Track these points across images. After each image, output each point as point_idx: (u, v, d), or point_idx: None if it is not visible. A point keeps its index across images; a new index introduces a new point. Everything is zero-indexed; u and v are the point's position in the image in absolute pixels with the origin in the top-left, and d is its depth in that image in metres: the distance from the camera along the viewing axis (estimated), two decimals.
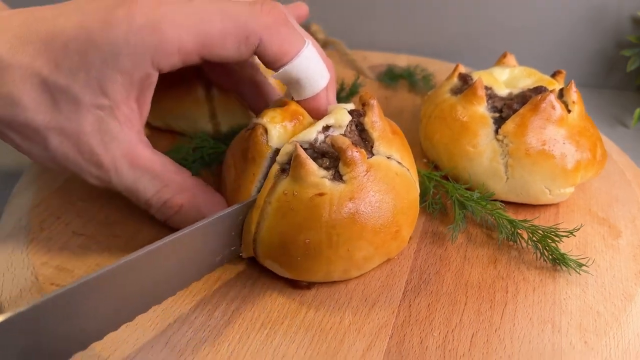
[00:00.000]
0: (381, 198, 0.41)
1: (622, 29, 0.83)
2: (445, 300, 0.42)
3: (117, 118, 0.40)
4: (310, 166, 0.39)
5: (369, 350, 0.38)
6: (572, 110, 0.50)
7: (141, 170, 0.41)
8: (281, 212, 0.40)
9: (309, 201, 0.39)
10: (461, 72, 0.57)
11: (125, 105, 0.40)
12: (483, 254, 0.47)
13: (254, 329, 0.39)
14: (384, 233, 0.41)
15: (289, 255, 0.40)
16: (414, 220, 0.45)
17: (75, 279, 0.35)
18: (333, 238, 0.39)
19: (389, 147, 0.44)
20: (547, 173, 0.48)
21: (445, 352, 0.38)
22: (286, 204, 0.39)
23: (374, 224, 0.40)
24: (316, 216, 0.39)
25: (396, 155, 0.44)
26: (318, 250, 0.39)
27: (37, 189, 0.52)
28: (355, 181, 0.40)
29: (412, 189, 0.44)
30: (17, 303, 0.41)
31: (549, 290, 0.43)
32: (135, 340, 0.38)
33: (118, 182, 0.41)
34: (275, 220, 0.40)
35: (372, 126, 0.43)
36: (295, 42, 0.42)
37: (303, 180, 0.39)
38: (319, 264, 0.40)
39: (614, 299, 0.43)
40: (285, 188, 0.40)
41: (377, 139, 0.43)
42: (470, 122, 0.51)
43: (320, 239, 0.39)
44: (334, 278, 0.42)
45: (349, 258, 0.40)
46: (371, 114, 0.43)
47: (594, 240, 0.49)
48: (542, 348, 0.39)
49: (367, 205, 0.40)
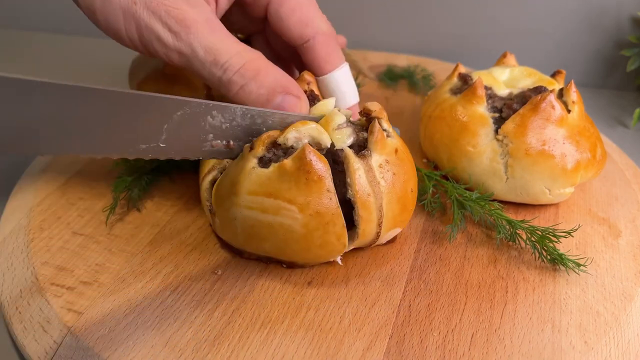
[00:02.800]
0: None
1: (622, 29, 0.83)
2: (445, 300, 0.42)
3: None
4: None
5: (369, 350, 0.38)
6: (572, 110, 0.50)
7: (223, 34, 0.42)
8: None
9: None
10: (461, 72, 0.57)
11: None
12: (483, 254, 0.47)
13: (254, 328, 0.39)
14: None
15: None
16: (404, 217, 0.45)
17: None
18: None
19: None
20: (547, 173, 0.48)
21: (445, 352, 0.38)
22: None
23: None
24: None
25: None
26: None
27: (37, 189, 0.53)
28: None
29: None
30: (17, 303, 0.41)
31: (549, 290, 0.43)
32: (135, 340, 0.38)
33: (199, 41, 0.41)
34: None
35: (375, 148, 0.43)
36: (339, 57, 0.50)
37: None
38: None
39: (613, 298, 0.43)
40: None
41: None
42: (470, 122, 0.51)
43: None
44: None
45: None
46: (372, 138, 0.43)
47: (593, 240, 0.49)
48: (542, 348, 0.39)
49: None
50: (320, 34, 0.48)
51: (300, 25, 0.47)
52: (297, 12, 0.47)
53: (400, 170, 0.43)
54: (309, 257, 0.42)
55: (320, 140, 0.42)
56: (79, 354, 0.37)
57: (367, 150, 0.42)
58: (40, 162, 0.57)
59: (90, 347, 0.37)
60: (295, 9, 0.47)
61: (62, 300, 0.41)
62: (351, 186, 0.41)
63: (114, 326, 0.39)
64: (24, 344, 0.39)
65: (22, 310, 0.41)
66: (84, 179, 0.54)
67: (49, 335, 0.39)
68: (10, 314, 0.41)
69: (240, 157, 0.42)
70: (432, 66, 0.79)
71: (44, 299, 0.41)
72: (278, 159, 0.41)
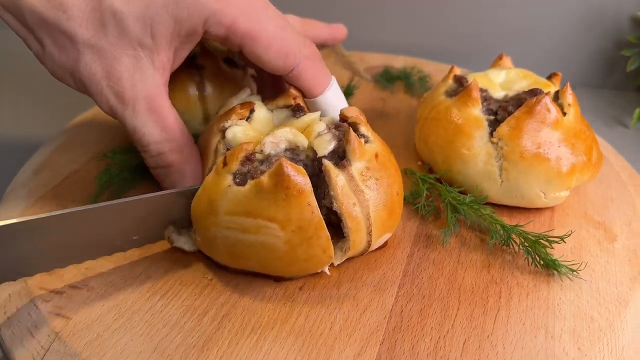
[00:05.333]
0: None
1: (622, 29, 0.83)
2: (438, 306, 0.42)
3: (153, 62, 0.42)
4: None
5: (359, 356, 0.38)
6: (567, 112, 0.50)
7: (155, 117, 0.43)
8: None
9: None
10: (456, 73, 0.56)
11: (164, 52, 0.43)
12: (476, 258, 0.46)
13: (244, 334, 0.39)
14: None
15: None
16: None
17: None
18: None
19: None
20: (542, 176, 0.48)
21: (437, 358, 0.38)
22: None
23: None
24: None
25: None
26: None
27: (29, 192, 0.52)
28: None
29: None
30: (5, 307, 0.41)
31: (543, 296, 0.43)
32: (124, 346, 0.38)
33: (129, 119, 0.43)
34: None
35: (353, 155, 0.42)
36: (326, 77, 0.49)
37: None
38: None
39: (608, 304, 0.42)
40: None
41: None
42: (465, 125, 0.51)
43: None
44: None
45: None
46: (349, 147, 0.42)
47: (589, 244, 0.48)
48: (534, 354, 0.38)
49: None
50: (303, 59, 0.46)
51: (280, 58, 0.45)
52: (274, 46, 0.44)
53: (383, 175, 0.43)
54: (295, 271, 0.42)
55: (297, 143, 0.42)
56: (66, 359, 0.37)
57: (346, 160, 0.41)
58: (33, 164, 0.57)
59: (78, 353, 0.37)
60: (271, 44, 0.44)
61: (51, 304, 0.41)
62: (335, 198, 0.40)
63: (102, 331, 0.39)
64: (12, 349, 0.38)
65: (10, 315, 0.40)
66: (77, 182, 0.54)
67: (37, 340, 0.38)
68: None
69: (214, 171, 0.41)
70: (429, 67, 0.78)
71: (33, 304, 0.41)
72: (256, 171, 0.40)
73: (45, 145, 0.61)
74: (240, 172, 0.40)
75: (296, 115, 0.46)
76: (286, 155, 0.42)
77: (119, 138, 0.61)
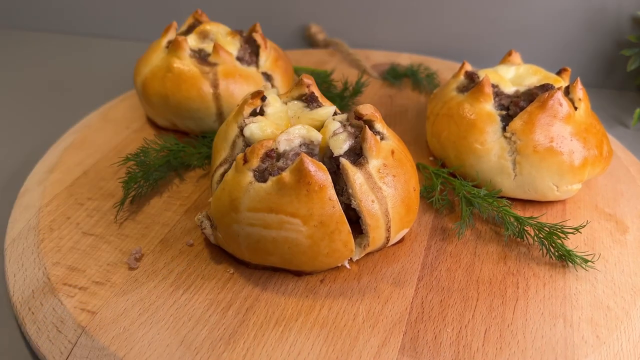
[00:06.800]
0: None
1: (622, 29, 0.84)
2: (457, 297, 0.42)
3: None
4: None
5: (384, 346, 0.38)
6: (578, 107, 0.51)
7: None
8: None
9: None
10: (468, 70, 0.57)
11: None
12: (492, 250, 0.47)
13: (269, 327, 0.39)
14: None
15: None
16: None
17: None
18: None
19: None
20: (555, 170, 0.49)
21: (460, 347, 0.38)
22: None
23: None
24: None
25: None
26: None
27: (44, 189, 0.52)
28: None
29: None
30: (29, 303, 0.41)
31: (559, 286, 0.44)
32: (151, 339, 0.38)
33: None
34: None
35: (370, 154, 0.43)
36: None
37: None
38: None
39: (623, 293, 0.43)
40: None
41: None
42: (477, 120, 0.51)
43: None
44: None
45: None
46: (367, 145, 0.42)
47: (601, 236, 0.49)
48: (554, 342, 0.39)
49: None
50: None
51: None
52: None
53: (399, 171, 0.43)
54: (317, 266, 0.42)
55: (311, 138, 0.42)
56: (94, 353, 0.37)
57: (363, 158, 0.42)
58: (46, 163, 0.57)
59: (106, 347, 0.37)
60: None
61: (75, 300, 0.41)
62: (353, 196, 0.41)
63: (129, 325, 0.39)
64: (38, 345, 0.38)
65: (35, 310, 0.41)
66: (91, 180, 0.54)
67: (64, 335, 0.38)
68: (23, 315, 0.40)
69: (234, 168, 0.42)
70: (435, 65, 0.79)
71: (57, 299, 0.41)
72: (274, 168, 0.40)
73: (56, 145, 0.61)
74: (259, 169, 0.41)
75: (310, 106, 0.47)
76: (302, 150, 0.42)
77: (128, 137, 0.61)
